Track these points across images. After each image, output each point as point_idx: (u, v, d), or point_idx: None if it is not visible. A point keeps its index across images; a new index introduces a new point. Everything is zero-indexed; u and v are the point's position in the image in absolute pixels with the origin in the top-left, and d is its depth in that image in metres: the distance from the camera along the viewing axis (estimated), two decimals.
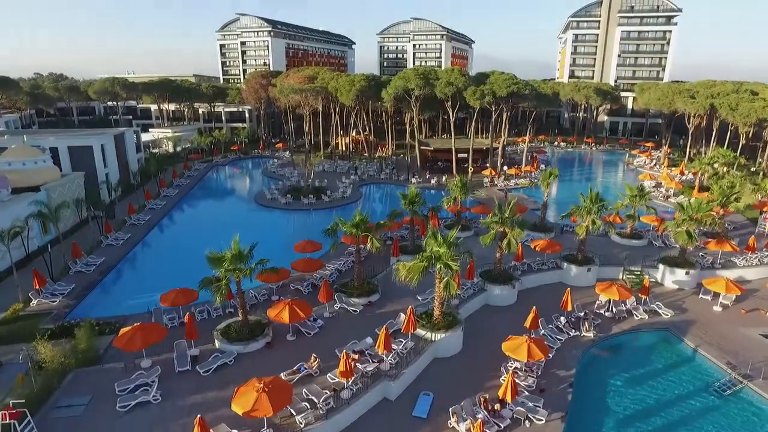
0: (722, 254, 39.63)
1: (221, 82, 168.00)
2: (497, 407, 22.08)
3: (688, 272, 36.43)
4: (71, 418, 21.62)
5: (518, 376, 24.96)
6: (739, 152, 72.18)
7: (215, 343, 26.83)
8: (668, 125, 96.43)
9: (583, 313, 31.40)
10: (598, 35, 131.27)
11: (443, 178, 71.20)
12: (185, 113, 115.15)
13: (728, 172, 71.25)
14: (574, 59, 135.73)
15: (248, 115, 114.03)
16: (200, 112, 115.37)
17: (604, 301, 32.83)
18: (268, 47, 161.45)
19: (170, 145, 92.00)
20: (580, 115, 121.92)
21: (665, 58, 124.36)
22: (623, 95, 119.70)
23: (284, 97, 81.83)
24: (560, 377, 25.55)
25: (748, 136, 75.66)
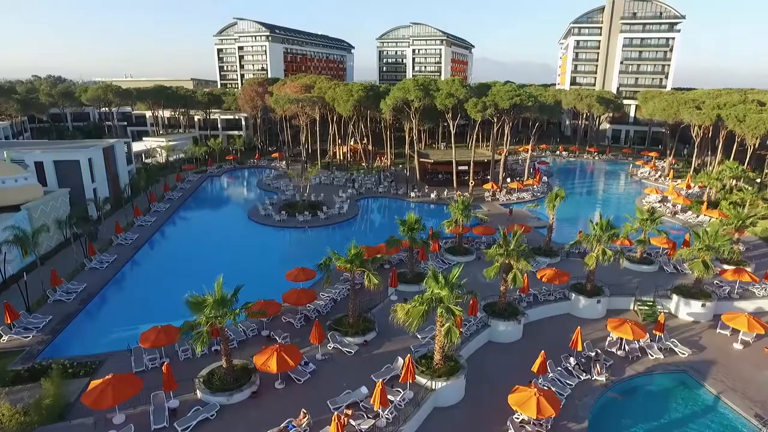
0: (740, 283, 37.37)
1: (219, 86, 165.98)
2: None
3: (704, 304, 34.22)
4: None
5: (526, 430, 22.96)
6: (746, 163, 70.22)
7: (196, 392, 24.65)
8: (672, 134, 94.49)
9: (594, 353, 29.26)
10: (600, 42, 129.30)
11: (444, 192, 69.19)
12: (180, 120, 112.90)
13: (736, 185, 69.37)
14: (575, 66, 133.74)
15: (244, 122, 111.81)
16: (196, 119, 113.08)
17: (615, 338, 30.71)
18: (265, 52, 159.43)
19: (164, 155, 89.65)
20: (582, 122, 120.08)
21: (668, 65, 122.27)
22: (626, 102, 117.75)
23: (280, 107, 79.64)
24: (572, 431, 23.53)
25: (755, 146, 73.73)
